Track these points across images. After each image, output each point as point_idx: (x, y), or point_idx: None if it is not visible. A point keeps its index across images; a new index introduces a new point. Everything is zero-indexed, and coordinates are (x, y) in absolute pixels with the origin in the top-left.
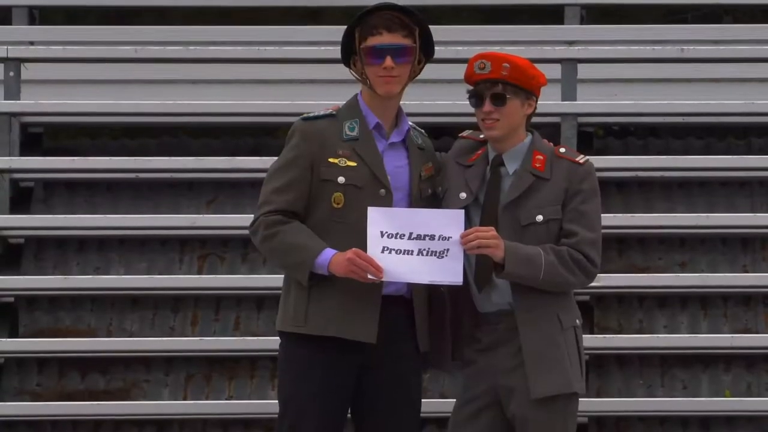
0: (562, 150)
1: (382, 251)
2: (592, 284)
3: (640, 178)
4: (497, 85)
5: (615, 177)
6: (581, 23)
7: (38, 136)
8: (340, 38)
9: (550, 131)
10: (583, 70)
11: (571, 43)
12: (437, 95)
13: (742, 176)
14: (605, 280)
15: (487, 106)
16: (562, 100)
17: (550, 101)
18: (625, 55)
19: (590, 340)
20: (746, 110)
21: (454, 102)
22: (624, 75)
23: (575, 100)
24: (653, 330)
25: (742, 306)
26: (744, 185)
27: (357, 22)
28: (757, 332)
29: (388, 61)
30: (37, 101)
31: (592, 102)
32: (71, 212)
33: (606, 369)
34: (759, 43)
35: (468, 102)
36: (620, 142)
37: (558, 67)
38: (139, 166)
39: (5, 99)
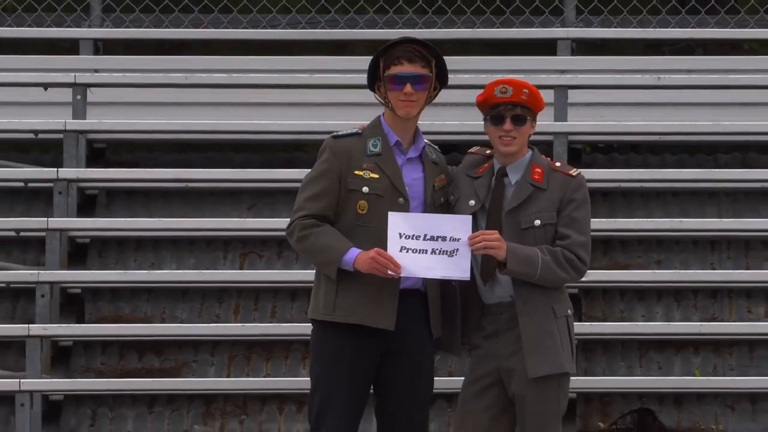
0: (558, 164)
1: (400, 250)
2: (581, 280)
3: (622, 188)
4: (517, 107)
5: (601, 187)
6: (572, 55)
7: (102, 151)
8: (362, 67)
9: (544, 148)
10: (573, 95)
11: (562, 72)
12: (448, 117)
13: (710, 187)
14: (592, 275)
15: (508, 125)
16: (555, 121)
17: (544, 122)
18: (609, 83)
19: (579, 327)
20: (714, 130)
21: (462, 122)
22: (609, 100)
23: (566, 121)
24: (633, 318)
25: (710, 298)
26: (712, 195)
27: (382, 53)
28: (722, 321)
29: (408, 87)
30: (101, 120)
31: (580, 123)
32: (130, 216)
33: (592, 352)
34: (726, 72)
35: (471, 121)
36: (605, 157)
37: (551, 92)
38: (189, 176)
39: (74, 119)
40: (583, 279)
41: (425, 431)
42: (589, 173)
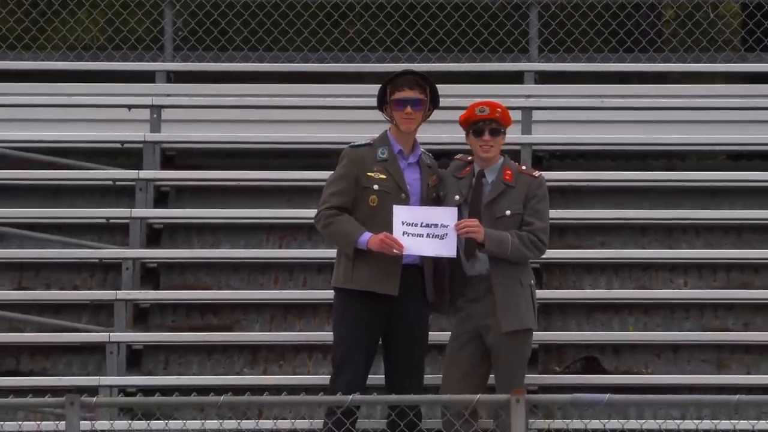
0: (524, 168)
1: (403, 234)
2: (542, 257)
3: (573, 186)
4: (493, 123)
5: (557, 186)
6: (535, 83)
7: (173, 157)
8: (373, 93)
9: (513, 155)
10: (536, 115)
11: (527, 96)
12: (439, 131)
13: (642, 186)
14: (550, 254)
15: (486, 136)
16: (522, 134)
17: (513, 135)
18: (564, 105)
19: (540, 294)
20: (645, 142)
21: (450, 136)
22: (564, 118)
23: (531, 134)
24: (582, 287)
25: (641, 272)
26: (643, 192)
27: (388, 81)
28: (650, 289)
29: (409, 108)
30: (172, 134)
31: (542, 136)
32: (194, 207)
33: (550, 313)
34: (655, 97)
35: (457, 135)
36: (561, 162)
37: (519, 112)
38: (240, 177)
39: (151, 132)
40: (543, 256)
41: (421, 375)
42: (548, 175)
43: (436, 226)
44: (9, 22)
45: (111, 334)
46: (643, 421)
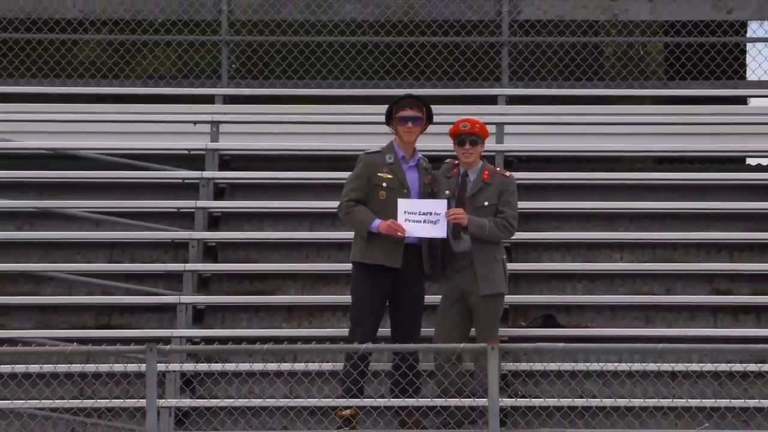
0: (498, 169)
1: (405, 221)
2: (512, 238)
3: (537, 184)
4: (473, 135)
5: (524, 183)
6: (506, 104)
7: (228, 161)
8: (383, 112)
9: (490, 159)
10: (507, 129)
11: (501, 114)
12: (433, 141)
13: (590, 183)
14: (518, 235)
15: (467, 146)
16: (496, 144)
17: (490, 145)
18: (529, 121)
19: (510, 266)
20: (593, 149)
21: (442, 145)
22: (529, 131)
23: (503, 143)
24: (541, 261)
25: (587, 249)
26: (592, 188)
27: (394, 103)
28: (594, 262)
29: (410, 124)
30: (227, 143)
31: (512, 145)
32: (245, 200)
33: (517, 281)
34: (598, 116)
35: (447, 144)
36: (527, 165)
37: (494, 127)
38: (281, 176)
39: (211, 142)
40: (513, 237)
41: (419, 328)
42: (517, 175)
43: (430, 214)
44: (102, 57)
45: (181, 297)
46: (589, 364)
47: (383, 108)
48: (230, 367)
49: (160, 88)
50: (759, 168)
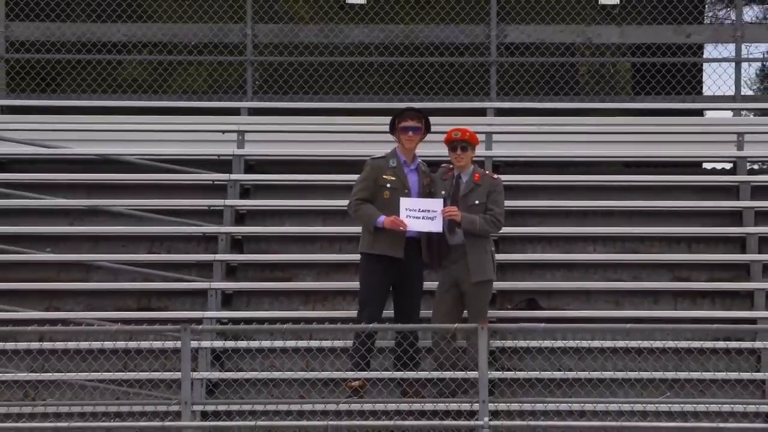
0: (487, 172)
1: (406, 217)
2: (500, 232)
3: (520, 185)
4: (464, 142)
5: (510, 184)
6: (495, 116)
7: (252, 166)
8: (387, 122)
9: (480, 164)
10: (495, 137)
11: (489, 125)
12: (431, 148)
13: (565, 185)
14: (504, 230)
15: (459, 152)
16: (485, 150)
17: (480, 151)
18: (513, 131)
19: (498, 256)
20: (568, 155)
21: (438, 151)
22: (513, 140)
23: (491, 150)
24: (525, 252)
25: (565, 242)
26: (567, 189)
27: (397, 114)
28: (571, 253)
29: (410, 133)
30: (252, 150)
31: (499, 152)
32: (267, 199)
33: (504, 269)
34: (575, 125)
35: (442, 151)
36: (512, 168)
37: (483, 135)
38: (298, 178)
39: (237, 149)
40: (500, 231)
41: (418, 310)
42: (504, 177)
43: (428, 211)
44: (143, 74)
45: (211, 283)
46: (566, 341)
47: (387, 119)
48: (254, 344)
49: (193, 102)
50: (713, 171)
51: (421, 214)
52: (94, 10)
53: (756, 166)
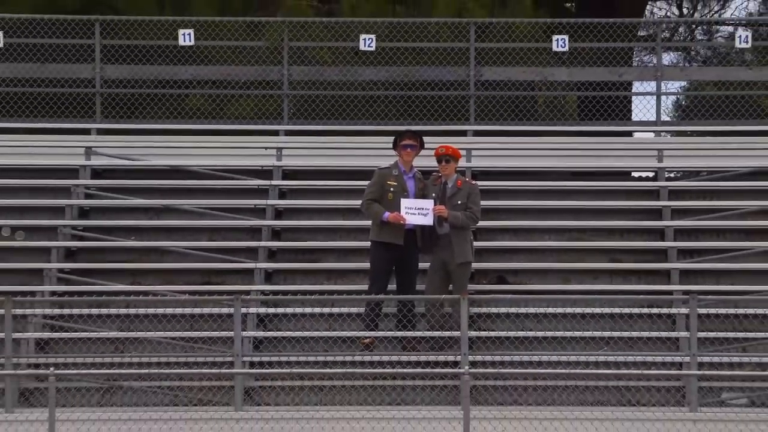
0: (467, 179)
1: (405, 213)
2: (477, 225)
3: (494, 188)
4: (449, 156)
5: (485, 188)
6: (474, 136)
7: (288, 174)
8: (390, 141)
9: (462, 173)
10: (474, 153)
11: (469, 143)
12: (423, 161)
13: (529, 189)
14: (481, 224)
15: (445, 163)
16: (466, 163)
17: (462, 163)
18: (489, 147)
19: (476, 244)
20: (530, 166)
21: (429, 163)
22: (489, 154)
23: (470, 162)
24: (496, 240)
25: (526, 232)
26: (530, 192)
27: (398, 135)
28: (531, 241)
29: (408, 150)
30: (288, 162)
31: (476, 164)
32: (301, 200)
33: (480, 253)
34: (535, 143)
35: (431, 162)
36: (487, 176)
37: (465, 151)
38: (325, 184)
39: (276, 161)
40: (478, 225)
41: (414, 284)
42: (480, 183)
43: (422, 209)
44: (205, 104)
45: (256, 264)
46: (528, 308)
47: (391, 138)
48: (289, 310)
49: (242, 125)
50: (640, 179)
51: (416, 211)
52: (168, 55)
53: (672, 175)
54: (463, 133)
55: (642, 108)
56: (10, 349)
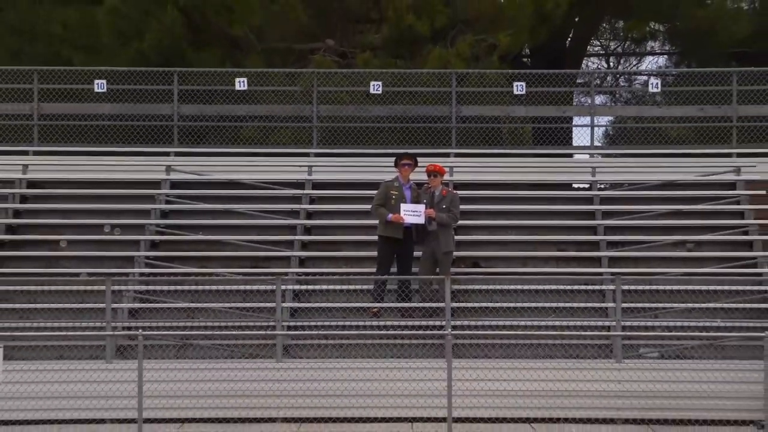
0: (450, 189)
1: (403, 214)
2: (458, 224)
3: (470, 196)
4: (436, 172)
5: (464, 196)
6: (455, 157)
7: (316, 185)
8: (392, 161)
9: (446, 185)
10: (456, 169)
11: (452, 163)
12: (417, 175)
13: (501, 196)
14: (460, 223)
15: (432, 177)
16: (450, 177)
17: (446, 177)
18: (469, 165)
19: (456, 237)
20: (502, 180)
21: (421, 178)
22: (468, 170)
23: (452, 177)
24: (472, 234)
25: (498, 228)
26: (504, 199)
27: (399, 157)
28: (499, 236)
29: (406, 167)
30: (316, 177)
31: (457, 178)
32: (327, 204)
33: (459, 244)
34: (504, 164)
35: (425, 177)
36: (466, 187)
37: (449, 168)
38: (346, 193)
39: (308, 175)
40: (458, 223)
41: (411, 268)
42: (460, 192)
43: (416, 211)
44: (255, 133)
45: (292, 252)
46: (496, 285)
47: (393, 159)
48: (317, 287)
49: (282, 149)
50: (578, 189)
51: (412, 213)
52: (227, 96)
53: (603, 186)
54: (447, 155)
55: (580, 136)
56: (110, 315)
